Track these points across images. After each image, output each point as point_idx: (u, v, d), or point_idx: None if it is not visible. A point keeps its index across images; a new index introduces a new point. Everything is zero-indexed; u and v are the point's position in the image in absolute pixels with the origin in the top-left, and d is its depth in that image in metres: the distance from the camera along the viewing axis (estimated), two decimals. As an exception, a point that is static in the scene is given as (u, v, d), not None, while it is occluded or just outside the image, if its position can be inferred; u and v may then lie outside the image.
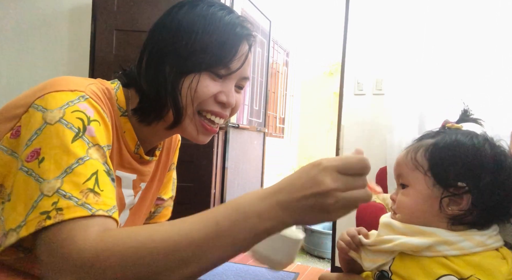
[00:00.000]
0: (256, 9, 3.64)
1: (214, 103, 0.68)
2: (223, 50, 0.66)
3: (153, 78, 0.66)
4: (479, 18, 2.14)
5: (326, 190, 0.45)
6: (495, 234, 0.63)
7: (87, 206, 0.48)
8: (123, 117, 0.68)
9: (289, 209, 0.46)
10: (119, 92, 0.68)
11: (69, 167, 0.50)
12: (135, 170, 0.72)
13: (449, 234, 0.61)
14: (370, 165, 0.50)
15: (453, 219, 0.63)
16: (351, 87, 2.51)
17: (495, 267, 0.58)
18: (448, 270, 0.58)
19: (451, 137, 0.66)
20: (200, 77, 0.65)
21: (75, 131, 0.53)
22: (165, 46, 0.66)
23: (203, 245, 0.46)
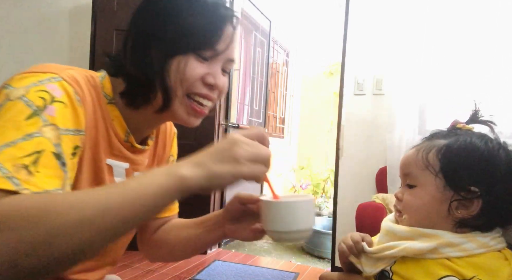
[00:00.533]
0: (256, 9, 3.64)
1: (202, 85, 0.67)
2: (209, 31, 0.65)
3: (139, 62, 0.65)
4: (479, 18, 2.14)
5: (234, 140, 0.52)
6: (498, 236, 0.63)
7: (14, 181, 0.46)
8: (111, 105, 0.68)
9: (200, 164, 0.50)
10: (105, 80, 0.68)
11: (12, 142, 0.48)
12: (127, 159, 0.72)
13: (452, 236, 0.61)
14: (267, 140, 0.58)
15: (460, 222, 0.62)
16: (351, 87, 2.51)
17: (498, 268, 0.58)
18: (450, 271, 0.58)
19: (465, 140, 0.64)
20: (187, 59, 0.64)
21: (33, 109, 0.52)
22: (151, 29, 0.66)
23: (110, 203, 0.44)
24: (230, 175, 0.50)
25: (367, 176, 2.42)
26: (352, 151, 2.49)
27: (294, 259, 2.95)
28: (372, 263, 0.66)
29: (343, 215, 2.50)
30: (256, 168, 0.53)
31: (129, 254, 2.68)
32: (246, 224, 0.71)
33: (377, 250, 0.66)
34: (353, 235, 0.70)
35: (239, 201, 0.71)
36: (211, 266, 2.57)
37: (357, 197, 2.34)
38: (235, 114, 3.39)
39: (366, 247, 0.67)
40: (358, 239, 0.69)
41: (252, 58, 3.76)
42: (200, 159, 0.51)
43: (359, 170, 2.46)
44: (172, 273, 2.40)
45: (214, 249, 3.00)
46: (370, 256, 0.67)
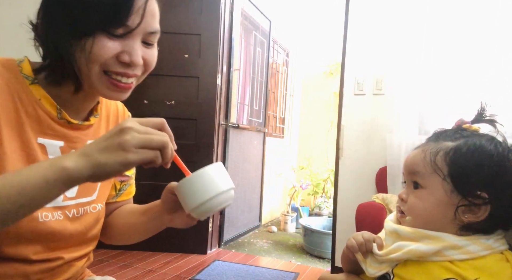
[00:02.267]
0: (256, 9, 3.64)
1: (117, 63, 0.64)
2: (116, 5, 0.59)
3: (46, 43, 0.64)
4: (479, 18, 2.13)
5: (123, 127, 0.51)
6: (500, 237, 0.62)
7: None
8: (34, 85, 0.67)
9: (85, 154, 0.50)
10: (23, 62, 0.68)
11: None
12: (61, 137, 0.70)
13: (456, 239, 0.60)
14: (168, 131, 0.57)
15: (465, 226, 0.61)
16: (351, 87, 2.51)
17: (500, 269, 0.58)
18: (451, 273, 0.57)
19: (474, 143, 0.62)
20: (95, 38, 0.60)
21: None
22: (53, 4, 0.62)
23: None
24: (117, 163, 0.50)
25: (367, 176, 2.42)
26: (352, 151, 2.49)
27: (294, 259, 2.95)
28: (377, 265, 0.66)
29: (343, 215, 2.50)
30: (147, 154, 0.52)
31: (129, 254, 2.68)
32: (182, 212, 0.71)
33: (384, 253, 0.64)
34: (365, 234, 0.68)
35: (170, 191, 0.71)
36: (211, 266, 2.57)
37: (357, 197, 2.34)
38: (235, 114, 3.39)
39: (375, 249, 0.66)
40: (370, 238, 0.67)
41: (252, 58, 3.76)
42: (85, 149, 0.51)
43: (359, 170, 2.46)
44: (172, 273, 2.40)
45: (214, 249, 3.00)
46: (376, 258, 0.66)
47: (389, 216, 0.72)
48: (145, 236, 0.82)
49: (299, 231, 3.66)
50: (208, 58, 2.82)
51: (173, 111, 2.76)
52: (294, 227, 3.92)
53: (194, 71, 2.81)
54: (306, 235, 3.16)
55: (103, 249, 2.71)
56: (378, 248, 0.66)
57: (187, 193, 0.60)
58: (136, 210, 0.86)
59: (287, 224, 3.88)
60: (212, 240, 2.98)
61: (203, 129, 2.80)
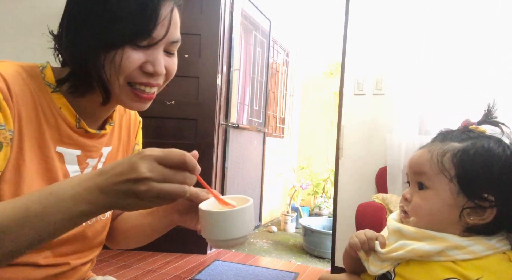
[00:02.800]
0: (256, 9, 3.64)
1: (140, 74, 0.64)
2: (143, 18, 0.60)
3: (72, 54, 0.63)
4: (479, 18, 2.13)
5: (139, 177, 0.47)
6: (502, 238, 0.62)
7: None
8: (56, 93, 0.66)
9: (106, 193, 0.49)
10: (46, 69, 0.66)
11: None
12: (79, 146, 0.70)
13: (459, 239, 0.60)
14: (193, 164, 0.50)
15: (470, 228, 0.61)
16: (351, 87, 2.51)
17: (503, 269, 0.58)
18: (453, 273, 0.57)
19: (482, 145, 0.62)
20: (122, 50, 0.60)
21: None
22: (79, 16, 0.61)
23: (11, 230, 0.47)
24: (135, 207, 0.51)
25: (367, 176, 2.42)
26: (352, 151, 2.49)
27: (294, 259, 2.95)
28: (379, 263, 0.66)
29: (343, 215, 2.50)
30: (164, 201, 0.51)
31: (129, 254, 2.68)
32: (192, 216, 0.73)
33: (386, 252, 0.64)
34: (367, 232, 0.68)
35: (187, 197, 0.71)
36: (211, 266, 2.57)
37: (357, 197, 2.34)
38: (235, 114, 3.39)
39: (378, 246, 0.66)
40: (373, 236, 0.67)
41: (252, 58, 3.76)
42: (108, 191, 0.49)
43: (359, 170, 2.46)
44: (172, 273, 2.40)
45: (214, 249, 3.00)
46: (378, 256, 0.66)
47: (392, 215, 0.72)
48: (152, 237, 0.82)
49: (299, 231, 3.66)
50: (208, 58, 2.82)
51: (173, 111, 2.76)
52: (294, 227, 3.92)
53: (194, 71, 2.81)
54: (306, 235, 3.16)
55: (103, 249, 2.69)
56: (380, 246, 0.66)
57: (209, 225, 0.58)
58: (142, 212, 0.85)
59: (287, 224, 3.89)
60: (212, 240, 2.98)
61: (203, 129, 2.80)
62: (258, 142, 3.86)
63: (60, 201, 0.49)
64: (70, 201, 0.49)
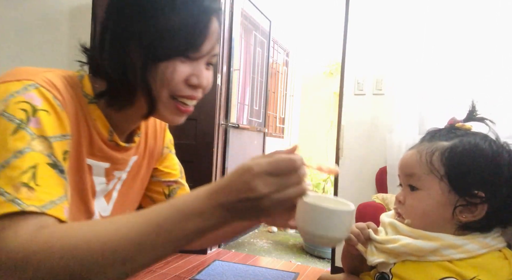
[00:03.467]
0: (256, 9, 3.64)
1: (185, 87, 0.64)
2: (194, 32, 0.60)
3: (118, 65, 0.61)
4: (479, 17, 2.13)
5: (260, 195, 0.47)
6: (497, 235, 0.62)
7: (17, 202, 0.46)
8: (92, 104, 0.65)
9: (230, 210, 0.49)
10: (84, 79, 0.65)
11: (5, 161, 0.48)
12: (108, 158, 0.69)
13: (454, 238, 0.60)
14: (301, 161, 0.50)
15: (463, 225, 0.61)
16: (351, 87, 2.51)
17: (498, 267, 0.58)
18: (449, 272, 0.58)
19: (469, 142, 0.62)
20: (171, 63, 0.60)
21: (16, 122, 0.51)
22: (128, 27, 0.60)
23: (142, 246, 0.46)
24: (258, 218, 0.52)
25: (367, 176, 2.42)
26: (352, 151, 2.49)
27: (294, 259, 2.95)
28: (376, 253, 0.66)
29: (343, 215, 2.50)
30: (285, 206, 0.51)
31: (129, 254, 2.68)
32: (281, 212, 0.70)
33: (382, 240, 0.65)
34: (357, 224, 0.69)
35: None
36: (211, 266, 2.57)
37: (357, 197, 2.34)
38: (235, 114, 3.39)
39: (372, 234, 0.66)
40: (364, 226, 0.68)
41: (252, 58, 3.76)
42: (231, 208, 0.49)
43: (359, 170, 2.46)
44: (172, 273, 2.40)
45: (214, 249, 3.00)
46: (375, 246, 0.66)
47: (383, 216, 0.72)
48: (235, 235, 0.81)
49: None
50: (208, 58, 2.82)
51: (173, 111, 2.76)
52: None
53: (194, 71, 2.81)
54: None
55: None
56: (374, 233, 0.67)
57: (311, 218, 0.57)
58: None
59: (287, 224, 3.88)
60: (212, 240, 2.98)
61: (203, 129, 2.80)
62: (258, 142, 3.86)
63: (189, 218, 0.48)
64: (198, 218, 0.48)
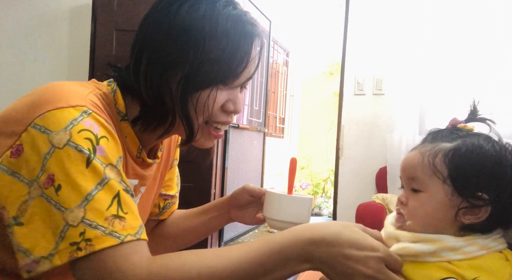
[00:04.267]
0: (256, 9, 3.64)
1: (221, 113, 0.63)
2: (235, 59, 0.59)
3: (156, 91, 0.60)
4: (479, 17, 2.13)
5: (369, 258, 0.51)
6: (498, 237, 0.62)
7: (114, 235, 0.49)
8: (124, 121, 0.64)
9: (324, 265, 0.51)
10: (117, 95, 0.63)
11: (89, 194, 0.50)
12: (138, 176, 0.69)
13: (454, 240, 0.60)
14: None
15: (466, 227, 0.61)
16: (351, 87, 2.51)
17: (499, 268, 0.57)
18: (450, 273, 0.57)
19: (473, 143, 0.62)
20: (211, 90, 0.60)
21: (86, 153, 0.51)
22: (168, 54, 0.59)
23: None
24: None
25: (367, 176, 2.42)
26: (352, 151, 2.49)
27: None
28: None
29: (343, 215, 2.50)
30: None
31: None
32: (250, 211, 0.80)
33: None
34: None
35: (248, 192, 0.77)
36: (211, 266, 2.57)
37: (357, 197, 2.34)
38: (235, 114, 3.39)
39: None
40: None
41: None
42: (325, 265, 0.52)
43: (359, 170, 2.46)
44: (172, 273, 2.40)
45: (214, 249, 3.00)
46: None
47: (389, 218, 0.72)
48: (205, 235, 0.86)
49: (299, 231, 3.65)
50: (208, 58, 2.82)
51: (173, 111, 2.75)
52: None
53: (194, 71, 2.81)
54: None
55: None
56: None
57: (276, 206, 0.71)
58: (189, 213, 0.87)
59: (287, 224, 3.88)
60: (212, 240, 2.98)
61: (203, 129, 2.80)
62: (258, 142, 3.86)
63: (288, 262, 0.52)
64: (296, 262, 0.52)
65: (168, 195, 0.88)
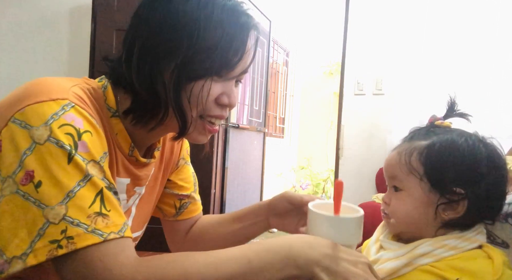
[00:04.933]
0: (256, 9, 3.64)
1: (215, 106, 0.62)
2: (230, 50, 0.58)
3: (149, 81, 0.58)
4: (479, 18, 2.14)
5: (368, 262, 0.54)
6: (473, 235, 0.61)
7: (97, 232, 0.48)
8: (114, 118, 0.62)
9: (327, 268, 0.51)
10: (107, 91, 0.62)
11: (71, 191, 0.48)
12: (130, 174, 0.67)
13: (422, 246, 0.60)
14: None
15: (446, 223, 0.61)
16: (351, 87, 2.51)
17: (480, 268, 0.56)
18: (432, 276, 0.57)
19: (446, 139, 0.63)
20: (205, 81, 0.58)
21: (67, 149, 0.49)
22: (161, 44, 0.57)
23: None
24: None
25: (367, 176, 2.42)
26: (352, 151, 2.49)
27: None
28: None
29: (343, 215, 2.50)
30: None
31: (129, 254, 2.67)
32: (291, 219, 0.75)
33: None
34: None
35: (288, 200, 0.74)
36: (211, 266, 2.57)
37: (357, 197, 2.34)
38: (235, 114, 3.39)
39: None
40: None
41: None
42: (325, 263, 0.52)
43: (359, 170, 2.46)
44: (172, 273, 2.40)
45: (214, 249, 2.99)
46: None
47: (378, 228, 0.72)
48: (244, 242, 0.82)
49: (299, 231, 3.65)
50: (208, 58, 2.82)
51: (173, 111, 2.75)
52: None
53: (194, 71, 2.80)
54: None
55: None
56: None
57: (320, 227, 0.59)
58: (224, 219, 0.84)
59: (287, 224, 3.88)
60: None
61: (203, 129, 2.79)
62: (258, 142, 3.86)
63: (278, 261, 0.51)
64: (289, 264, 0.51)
65: (183, 195, 0.85)
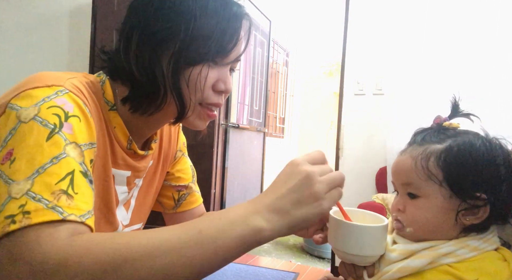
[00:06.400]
0: (256, 9, 3.64)
1: (212, 93, 0.64)
2: (225, 37, 0.60)
3: (148, 70, 0.60)
4: (479, 18, 2.14)
5: (307, 175, 0.48)
6: (491, 237, 0.61)
7: (58, 209, 0.43)
8: (112, 111, 0.63)
9: (278, 210, 0.47)
10: (105, 85, 0.63)
11: (41, 167, 0.45)
12: (129, 167, 0.68)
13: (446, 245, 0.59)
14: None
15: (466, 228, 0.60)
16: (351, 87, 2.51)
17: (497, 269, 0.57)
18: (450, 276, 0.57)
19: (464, 142, 0.60)
20: (201, 67, 0.60)
21: (50, 127, 0.48)
22: (158, 32, 0.59)
23: (184, 252, 0.43)
24: (314, 215, 0.48)
25: (367, 176, 2.42)
26: (352, 151, 2.49)
27: (294, 259, 2.95)
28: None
29: (343, 215, 2.50)
30: (334, 195, 0.50)
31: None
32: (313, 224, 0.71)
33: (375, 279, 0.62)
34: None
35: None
36: (211, 266, 2.57)
37: (357, 197, 2.34)
38: (235, 114, 3.39)
39: (365, 276, 0.63)
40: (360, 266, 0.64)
41: (252, 58, 3.76)
42: (278, 205, 0.47)
43: (359, 170, 2.46)
44: (172, 273, 2.40)
45: (214, 249, 2.99)
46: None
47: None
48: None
49: (299, 231, 3.66)
50: (208, 58, 2.82)
51: (173, 111, 2.75)
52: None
53: (194, 71, 2.81)
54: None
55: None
56: (368, 275, 0.63)
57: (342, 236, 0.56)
58: None
59: (287, 224, 3.88)
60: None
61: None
62: (258, 142, 3.86)
63: (233, 225, 0.46)
64: (242, 224, 0.46)
65: (181, 186, 0.85)
